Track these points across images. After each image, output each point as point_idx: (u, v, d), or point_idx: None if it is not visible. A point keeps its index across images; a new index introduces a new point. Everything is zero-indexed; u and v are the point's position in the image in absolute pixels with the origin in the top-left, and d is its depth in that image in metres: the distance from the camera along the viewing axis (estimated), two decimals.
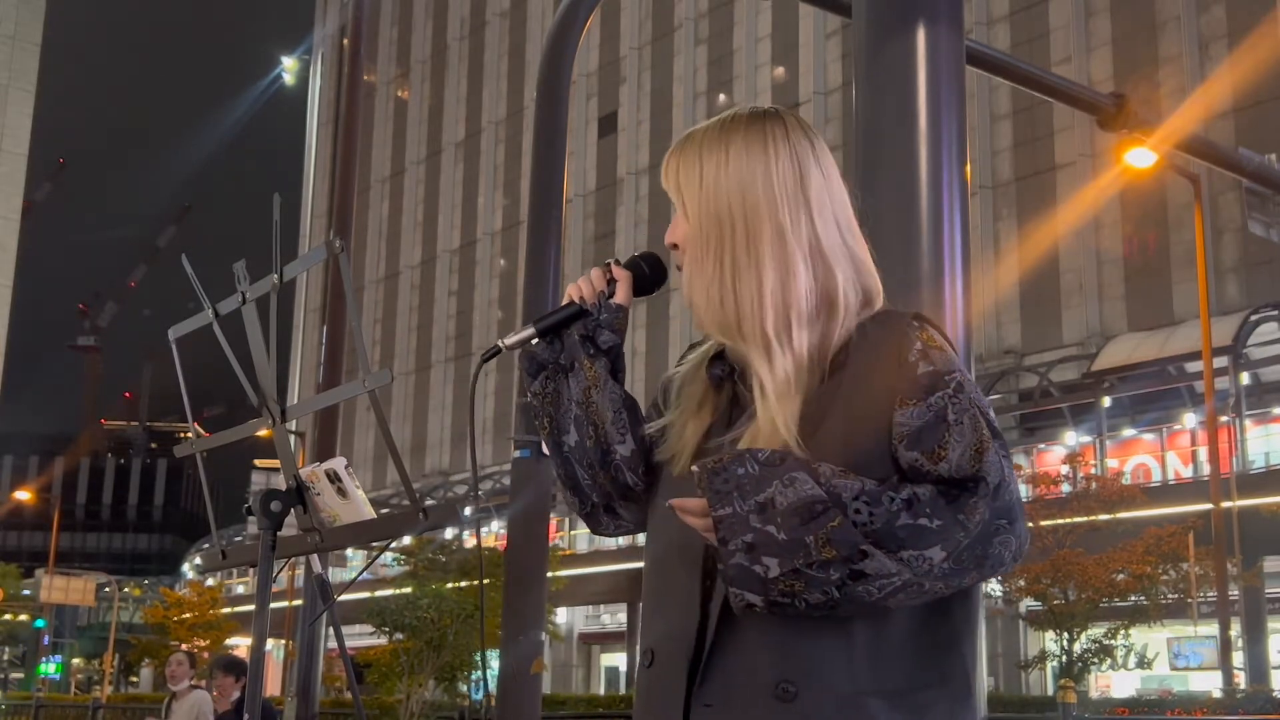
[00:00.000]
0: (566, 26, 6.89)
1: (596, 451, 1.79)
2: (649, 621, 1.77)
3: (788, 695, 1.56)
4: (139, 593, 57.28)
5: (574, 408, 1.79)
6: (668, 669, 1.67)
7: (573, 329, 1.81)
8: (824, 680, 1.56)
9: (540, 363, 1.82)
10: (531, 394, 1.83)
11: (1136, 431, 28.58)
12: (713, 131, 1.75)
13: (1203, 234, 20.03)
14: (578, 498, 1.84)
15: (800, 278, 1.66)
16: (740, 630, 1.61)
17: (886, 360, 1.62)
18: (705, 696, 1.61)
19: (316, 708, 10.25)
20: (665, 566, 1.75)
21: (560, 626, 34.19)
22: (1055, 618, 19.97)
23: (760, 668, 1.58)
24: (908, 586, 1.52)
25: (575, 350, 1.80)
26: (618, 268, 1.86)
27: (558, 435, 1.81)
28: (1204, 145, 11.86)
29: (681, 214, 1.77)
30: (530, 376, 1.83)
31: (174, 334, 2.81)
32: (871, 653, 1.58)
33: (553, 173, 6.94)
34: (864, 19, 3.97)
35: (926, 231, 3.72)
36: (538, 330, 1.81)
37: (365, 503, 2.40)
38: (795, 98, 40.13)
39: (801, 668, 1.57)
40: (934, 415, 1.58)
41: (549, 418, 1.81)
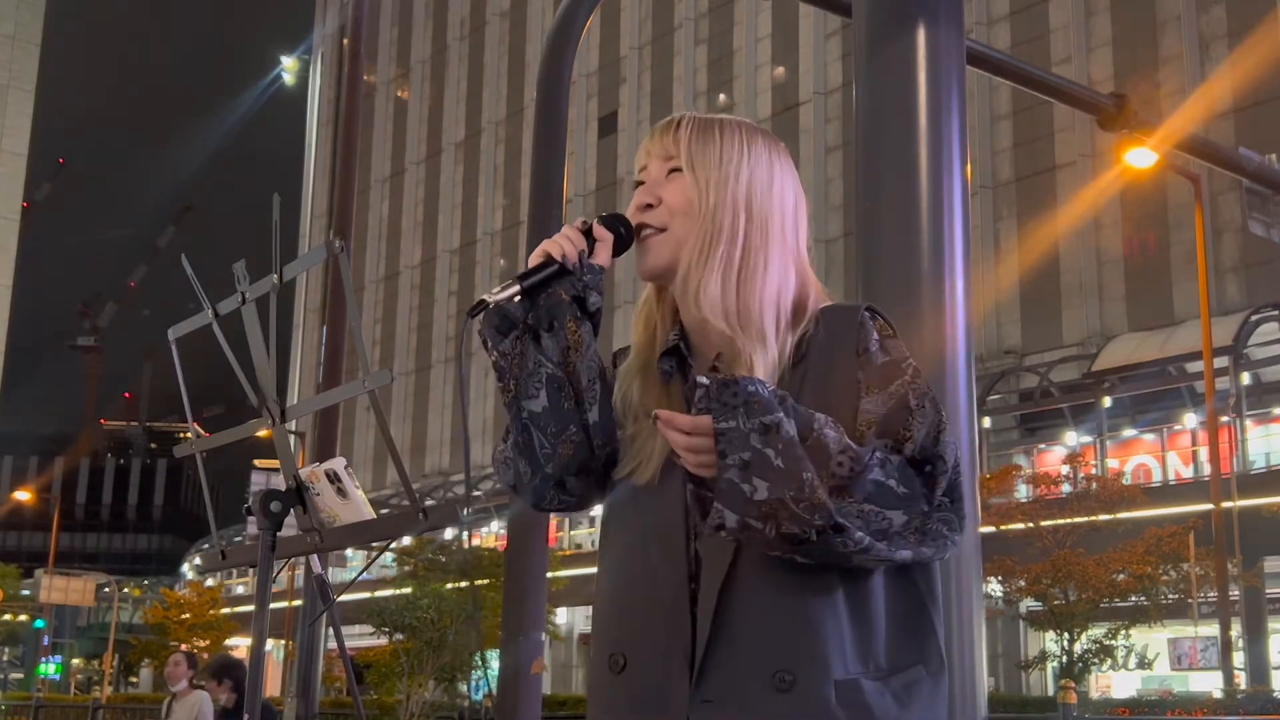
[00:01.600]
0: (566, 26, 6.89)
1: (566, 418, 1.73)
2: (612, 621, 1.73)
3: (785, 684, 1.58)
4: (139, 593, 57.27)
5: (545, 370, 1.73)
6: (651, 672, 1.66)
7: (557, 288, 1.73)
8: (819, 666, 1.59)
9: (513, 321, 1.75)
10: (500, 353, 1.73)
11: (1137, 432, 28.59)
12: (729, 126, 1.80)
13: (1203, 234, 20.03)
14: (530, 467, 1.75)
15: (791, 283, 1.77)
16: (734, 623, 1.62)
17: (846, 352, 1.69)
18: (704, 693, 1.62)
19: (316, 708, 10.25)
20: (635, 563, 1.72)
21: (560, 626, 34.20)
22: (1055, 618, 19.97)
23: (756, 659, 1.60)
24: (870, 547, 1.55)
25: (558, 311, 1.73)
26: (600, 228, 1.77)
27: (520, 399, 1.73)
28: (1204, 145, 11.86)
29: (687, 180, 1.78)
30: (500, 335, 1.75)
31: (174, 334, 2.81)
32: (859, 637, 1.62)
33: (553, 173, 6.94)
34: (864, 19, 3.97)
35: (926, 231, 3.72)
36: (523, 287, 1.73)
37: (365, 503, 2.40)
38: (795, 98, 40.14)
39: (797, 656, 1.59)
40: (896, 401, 1.65)
41: (515, 380, 1.74)
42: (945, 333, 3.63)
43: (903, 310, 3.57)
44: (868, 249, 3.79)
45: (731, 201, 1.75)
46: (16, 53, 35.53)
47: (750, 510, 1.53)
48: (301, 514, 2.45)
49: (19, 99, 35.39)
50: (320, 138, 63.61)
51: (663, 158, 1.81)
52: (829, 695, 1.58)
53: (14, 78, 35.25)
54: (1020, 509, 21.18)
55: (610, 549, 1.79)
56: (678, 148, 1.79)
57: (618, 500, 1.78)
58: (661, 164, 1.81)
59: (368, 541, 2.56)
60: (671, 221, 1.77)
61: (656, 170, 1.81)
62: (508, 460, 1.78)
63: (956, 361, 3.64)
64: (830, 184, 36.61)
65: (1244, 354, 26.33)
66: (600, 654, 1.73)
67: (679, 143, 1.79)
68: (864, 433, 1.64)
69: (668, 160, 1.80)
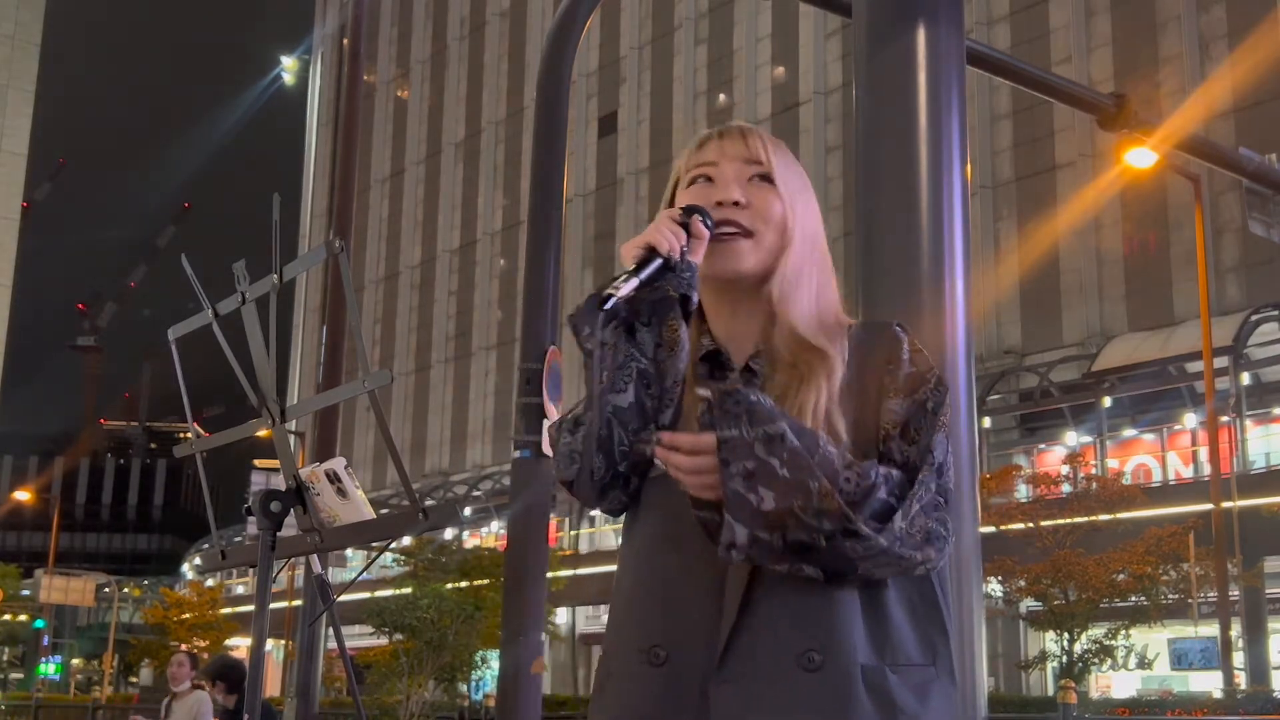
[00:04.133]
0: (566, 26, 6.89)
1: (647, 416, 1.72)
2: (651, 615, 1.71)
3: (813, 664, 1.61)
4: (139, 593, 57.26)
5: (636, 365, 1.71)
6: (691, 666, 1.66)
7: (664, 284, 1.70)
8: (845, 651, 1.62)
9: (615, 311, 1.71)
10: (599, 343, 1.71)
11: (1137, 431, 28.59)
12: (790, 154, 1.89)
13: (1203, 234, 20.03)
14: (605, 463, 1.72)
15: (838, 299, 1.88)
16: (759, 605, 1.64)
17: (879, 362, 1.75)
18: (724, 674, 1.63)
19: (316, 708, 10.25)
20: (671, 557, 1.71)
21: (560, 626, 34.22)
22: (1055, 618, 19.97)
23: (783, 640, 1.62)
24: (881, 551, 1.59)
25: (662, 307, 1.70)
26: (699, 224, 1.75)
27: (608, 392, 1.71)
28: (1204, 145, 11.87)
29: (779, 193, 1.82)
30: (602, 325, 1.72)
31: (174, 334, 2.81)
32: (879, 631, 1.65)
33: (553, 173, 6.94)
34: (864, 19, 3.97)
35: (926, 231, 3.72)
36: (641, 281, 1.69)
37: (365, 503, 2.40)
38: (795, 98, 40.14)
39: (823, 639, 1.62)
40: (917, 406, 1.72)
41: (607, 372, 1.72)
42: (945, 333, 3.63)
43: (903, 310, 3.57)
44: (868, 249, 3.79)
45: (812, 227, 1.85)
46: (16, 53, 35.52)
47: (758, 522, 1.55)
48: (301, 514, 2.45)
49: (19, 99, 35.38)
50: (320, 138, 63.61)
51: (743, 160, 1.82)
52: (856, 678, 1.61)
53: (14, 78, 35.24)
54: (1020, 509, 21.18)
55: (641, 542, 1.77)
56: (765, 156, 1.82)
57: (650, 494, 1.76)
58: (742, 166, 1.82)
59: (368, 541, 2.56)
60: (764, 230, 1.80)
61: (734, 171, 1.82)
62: (575, 454, 1.74)
63: (956, 361, 3.64)
64: (830, 184, 36.61)
65: (1244, 354, 26.32)
66: (632, 647, 1.71)
67: (765, 152, 1.83)
68: (889, 432, 1.71)
69: (751, 165, 1.82)
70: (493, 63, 53.30)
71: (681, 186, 1.87)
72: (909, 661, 1.66)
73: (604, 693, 1.75)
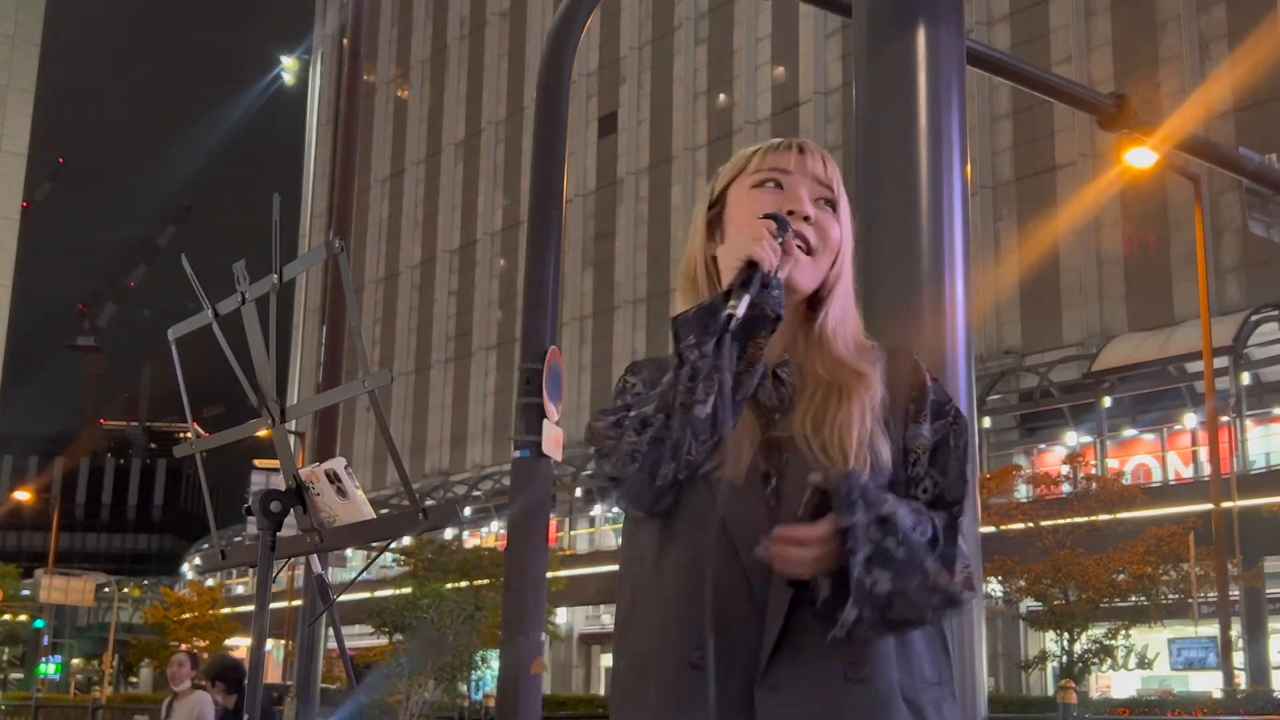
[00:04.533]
0: (566, 26, 6.89)
1: (717, 428, 1.71)
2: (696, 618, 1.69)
3: (858, 677, 1.66)
4: (139, 593, 57.25)
5: (719, 378, 1.69)
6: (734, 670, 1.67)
7: (762, 300, 1.70)
8: (884, 666, 1.69)
9: (720, 325, 1.70)
10: (702, 354, 1.68)
11: (1137, 432, 28.58)
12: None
13: (1203, 234, 20.03)
14: (672, 469, 1.71)
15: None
16: (802, 615, 1.68)
17: (904, 387, 1.82)
18: (770, 681, 1.66)
19: (316, 708, 10.25)
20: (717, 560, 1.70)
21: (560, 626, 34.20)
22: (1055, 618, 19.96)
23: (828, 651, 1.66)
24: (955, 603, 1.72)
25: (757, 324, 1.71)
26: (792, 243, 1.78)
27: (695, 403, 1.70)
28: (1204, 145, 11.87)
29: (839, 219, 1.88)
30: (708, 336, 1.70)
31: (174, 334, 2.81)
32: (901, 650, 1.72)
33: (553, 173, 6.94)
34: (864, 19, 3.97)
35: (926, 231, 3.72)
36: (752, 300, 1.70)
37: (365, 503, 2.40)
38: (795, 98, 40.14)
39: (865, 656, 1.68)
40: (940, 438, 1.80)
41: (701, 384, 1.69)
42: (945, 333, 3.63)
43: (903, 310, 3.57)
44: (868, 249, 3.79)
45: (850, 253, 1.90)
46: (16, 53, 35.52)
47: (868, 603, 1.61)
48: (301, 514, 2.45)
49: (19, 99, 35.39)
50: (320, 138, 63.61)
51: (817, 180, 1.87)
52: (897, 691, 1.68)
53: (14, 78, 35.25)
54: (1020, 509, 21.17)
55: (684, 544, 1.76)
56: (833, 186, 1.88)
57: (693, 497, 1.75)
58: (814, 185, 1.87)
59: (368, 541, 2.56)
60: (822, 252, 1.84)
61: (807, 190, 1.86)
62: (637, 454, 1.71)
63: (956, 361, 3.63)
64: None
65: (1244, 354, 26.31)
66: (675, 649, 1.71)
67: (834, 182, 1.88)
68: (919, 456, 1.79)
69: (821, 187, 1.87)
70: (493, 63, 53.30)
71: (745, 184, 1.90)
72: (924, 679, 1.73)
73: (641, 693, 1.74)
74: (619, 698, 1.80)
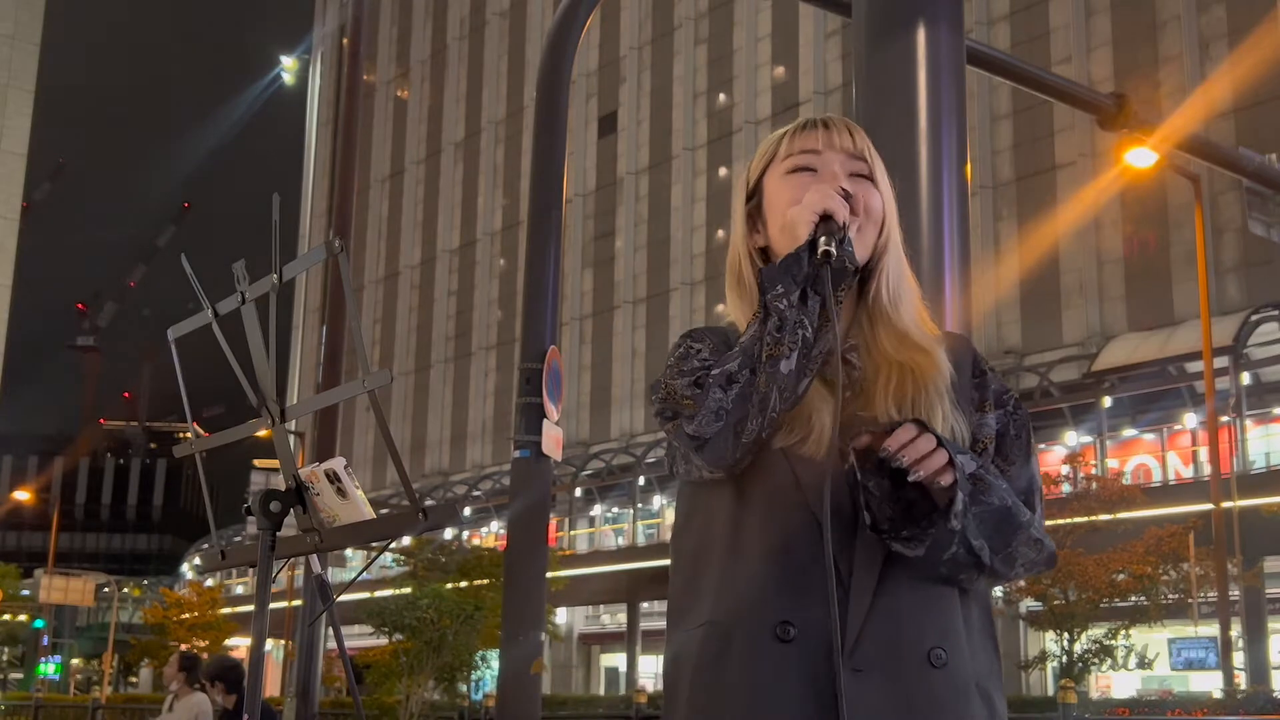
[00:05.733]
0: (566, 26, 6.89)
1: (799, 384, 1.71)
2: (782, 590, 1.69)
3: (941, 661, 1.68)
4: (138, 593, 57.25)
5: (803, 332, 1.69)
6: (818, 644, 1.66)
7: (843, 254, 1.71)
8: (962, 652, 1.72)
9: (806, 275, 1.70)
10: (789, 304, 1.69)
11: (1137, 431, 28.57)
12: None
13: (1203, 234, 20.01)
14: (757, 424, 1.69)
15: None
16: (886, 596, 1.68)
17: (966, 373, 1.85)
18: (855, 662, 1.66)
19: (316, 708, 10.25)
20: (799, 535, 1.70)
21: (560, 626, 34.20)
22: (1055, 618, 19.96)
23: (913, 634, 1.68)
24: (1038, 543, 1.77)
25: (840, 276, 1.71)
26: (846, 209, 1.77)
27: (780, 356, 1.69)
28: (1204, 145, 11.87)
29: (880, 192, 1.86)
30: (795, 286, 1.69)
31: (173, 334, 2.81)
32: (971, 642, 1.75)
33: (553, 173, 6.94)
34: (864, 19, 3.97)
35: (927, 231, 3.72)
36: (840, 242, 1.71)
37: (365, 503, 2.40)
38: (795, 98, 40.13)
39: (947, 638, 1.70)
40: (1002, 426, 1.82)
41: (787, 335, 1.69)
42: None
43: None
44: None
45: (896, 222, 1.88)
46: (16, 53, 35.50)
47: (967, 487, 1.66)
48: (301, 514, 2.45)
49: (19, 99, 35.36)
50: (320, 138, 63.60)
51: (848, 154, 1.85)
52: (972, 678, 1.72)
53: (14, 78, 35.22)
54: None
55: (759, 514, 1.75)
56: (869, 158, 1.86)
57: (771, 469, 1.75)
58: (847, 160, 1.85)
59: (367, 541, 2.56)
60: (866, 224, 1.82)
61: (839, 165, 1.84)
62: (723, 411, 1.70)
63: None
64: None
65: (1244, 354, 26.30)
66: (759, 620, 1.69)
67: (870, 154, 1.86)
68: (986, 445, 1.80)
69: (854, 160, 1.85)
70: (493, 63, 53.29)
71: (778, 171, 1.87)
72: (987, 669, 1.77)
73: (724, 664, 1.71)
74: (695, 667, 1.73)
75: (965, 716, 1.70)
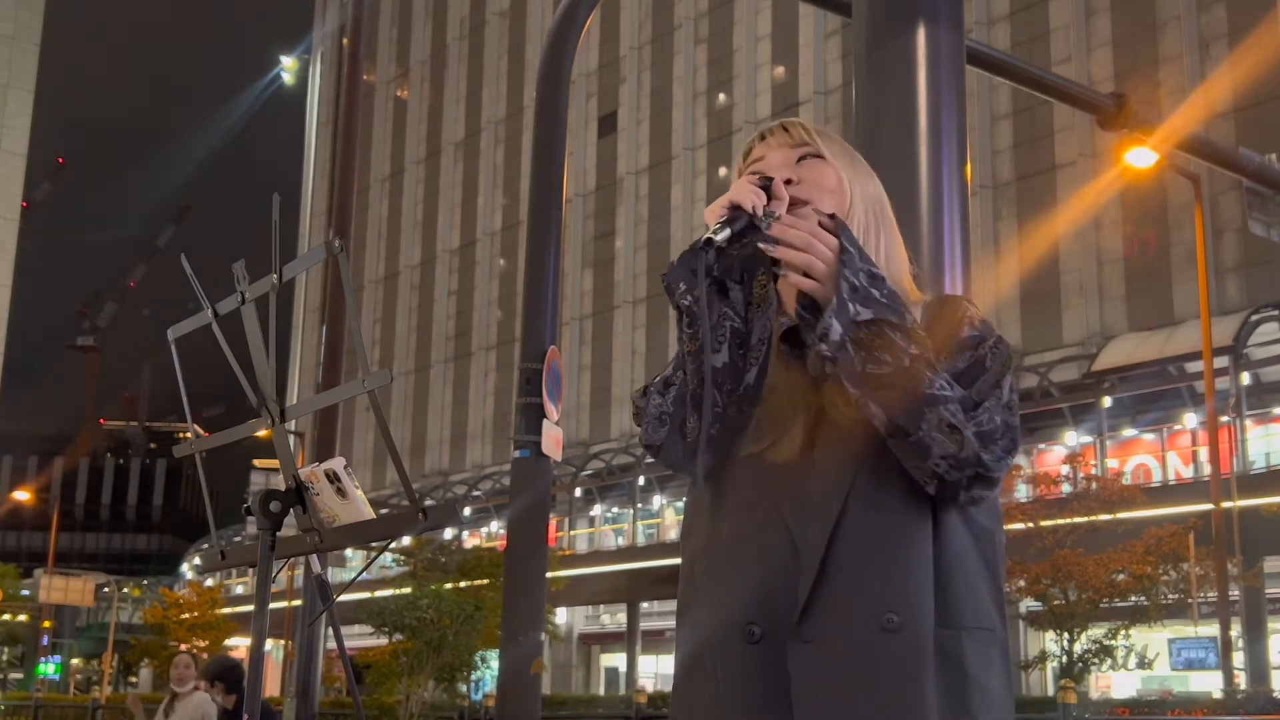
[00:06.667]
0: (566, 26, 6.89)
1: (740, 376, 1.71)
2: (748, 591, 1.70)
3: (892, 625, 1.62)
4: (138, 593, 57.26)
5: (730, 324, 1.72)
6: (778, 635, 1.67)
7: (752, 240, 1.70)
8: (923, 614, 1.64)
9: (708, 267, 1.71)
10: (693, 298, 1.69)
11: (1137, 431, 28.58)
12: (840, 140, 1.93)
13: (1203, 234, 20.01)
14: (699, 424, 1.71)
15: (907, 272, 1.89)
16: (839, 568, 1.65)
17: (944, 329, 1.76)
18: (804, 634, 1.64)
19: (316, 708, 10.25)
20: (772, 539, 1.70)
21: (560, 626, 34.20)
22: (1055, 618, 19.96)
23: (863, 599, 1.64)
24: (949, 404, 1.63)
25: (752, 264, 1.72)
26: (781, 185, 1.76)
27: (704, 351, 1.70)
28: (1204, 145, 11.86)
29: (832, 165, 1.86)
30: (697, 280, 1.70)
31: (173, 334, 2.81)
32: (951, 592, 1.68)
33: (553, 173, 6.94)
34: (864, 19, 3.97)
35: (926, 231, 3.72)
36: (733, 233, 1.69)
37: (364, 503, 2.40)
38: (795, 98, 40.13)
39: (902, 600, 1.64)
40: (976, 361, 1.73)
41: (703, 330, 1.70)
42: None
43: None
44: None
45: (869, 198, 1.87)
46: (16, 53, 35.50)
47: (851, 330, 1.61)
48: (301, 514, 2.45)
49: (19, 99, 35.36)
50: (320, 138, 63.61)
51: (789, 146, 1.87)
52: (930, 641, 1.64)
53: (14, 78, 35.22)
54: (1020, 509, 21.16)
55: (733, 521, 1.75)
56: (810, 139, 1.87)
57: (743, 474, 1.75)
58: (789, 151, 1.86)
59: (367, 541, 2.56)
60: (821, 196, 1.82)
61: (781, 157, 1.86)
62: (665, 415, 1.73)
63: None
64: None
65: (1244, 354, 26.30)
66: (730, 624, 1.70)
67: (810, 135, 1.87)
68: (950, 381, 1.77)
69: (798, 148, 1.86)
70: (493, 63, 53.29)
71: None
72: (977, 624, 1.69)
73: (698, 669, 1.73)
74: (683, 669, 1.78)
75: (916, 685, 1.61)
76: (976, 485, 1.67)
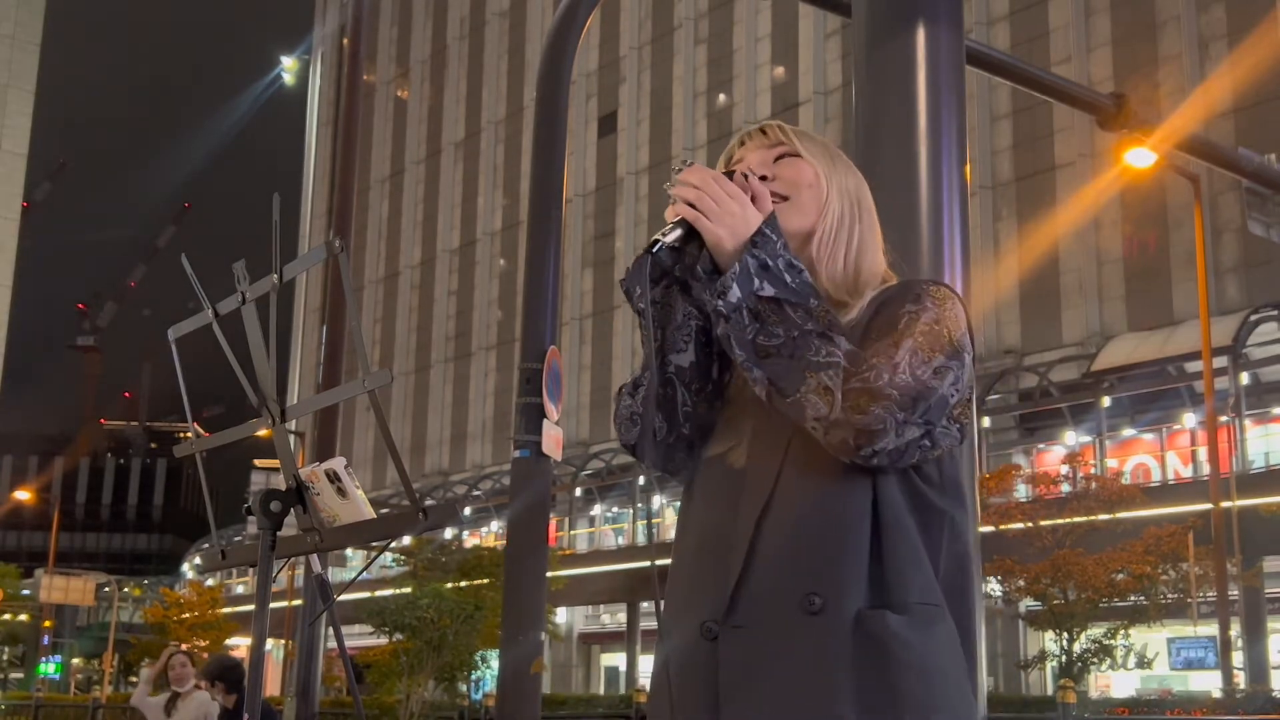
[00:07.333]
0: (566, 26, 6.89)
1: (707, 374, 1.73)
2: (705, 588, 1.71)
3: (814, 607, 1.61)
4: (139, 593, 57.25)
5: (694, 323, 1.74)
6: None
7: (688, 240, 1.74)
8: (848, 593, 1.62)
9: (664, 268, 1.75)
10: (649, 301, 1.72)
11: (1136, 431, 28.58)
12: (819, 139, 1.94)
13: (1203, 234, 20.02)
14: (667, 423, 1.75)
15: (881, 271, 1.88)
16: (767, 551, 1.65)
17: (895, 308, 1.73)
18: (734, 619, 1.65)
19: (316, 708, 10.26)
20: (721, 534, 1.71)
21: (560, 626, 34.21)
22: (1055, 618, 19.96)
23: (787, 582, 1.63)
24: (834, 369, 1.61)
25: (709, 261, 1.73)
26: (756, 182, 1.78)
27: (667, 351, 1.74)
28: (1204, 145, 11.86)
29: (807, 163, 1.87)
30: (652, 282, 1.75)
31: (174, 334, 2.81)
32: (880, 572, 1.64)
33: (553, 173, 6.94)
34: (864, 19, 3.98)
35: (926, 231, 3.72)
36: (685, 233, 1.71)
37: (365, 503, 2.40)
38: (795, 98, 40.13)
39: (825, 581, 1.62)
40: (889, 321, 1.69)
41: (662, 330, 1.75)
42: None
43: None
44: None
45: (850, 194, 1.88)
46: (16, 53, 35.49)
47: (751, 300, 1.63)
48: (301, 514, 2.45)
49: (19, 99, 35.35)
50: (320, 138, 63.60)
51: (766, 147, 1.89)
52: (853, 621, 1.61)
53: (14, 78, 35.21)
54: (1020, 509, 21.18)
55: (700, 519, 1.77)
56: (787, 138, 1.89)
57: (708, 479, 1.77)
58: (766, 152, 1.88)
59: (368, 541, 2.56)
60: (798, 192, 1.84)
61: (759, 157, 1.88)
62: (636, 416, 1.77)
63: None
64: None
65: (1243, 354, 26.31)
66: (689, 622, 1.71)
67: (786, 135, 1.89)
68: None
69: (774, 148, 1.89)
70: (493, 63, 53.29)
71: None
72: (905, 602, 1.63)
73: (661, 678, 1.75)
74: (658, 669, 1.79)
75: (835, 669, 1.58)
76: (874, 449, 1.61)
